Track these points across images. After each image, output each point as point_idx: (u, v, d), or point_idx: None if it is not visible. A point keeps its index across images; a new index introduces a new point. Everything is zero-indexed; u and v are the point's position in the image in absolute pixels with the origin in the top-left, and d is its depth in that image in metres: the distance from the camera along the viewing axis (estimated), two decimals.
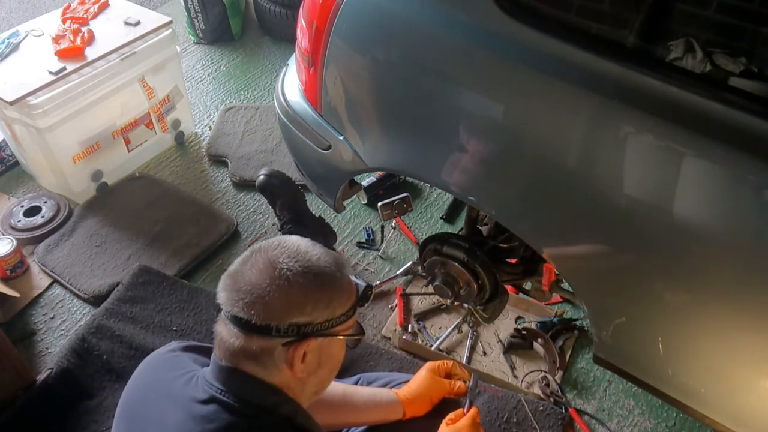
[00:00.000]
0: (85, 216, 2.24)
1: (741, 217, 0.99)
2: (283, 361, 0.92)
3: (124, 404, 1.05)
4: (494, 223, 1.56)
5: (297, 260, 0.91)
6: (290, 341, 0.90)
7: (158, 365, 1.07)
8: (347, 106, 1.40)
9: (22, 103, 1.96)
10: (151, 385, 1.03)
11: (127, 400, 1.05)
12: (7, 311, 1.94)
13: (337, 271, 0.95)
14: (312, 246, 0.95)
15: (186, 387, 0.95)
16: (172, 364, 1.04)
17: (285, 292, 0.89)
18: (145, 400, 1.01)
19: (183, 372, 0.99)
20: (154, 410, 0.97)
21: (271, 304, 0.88)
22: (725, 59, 1.33)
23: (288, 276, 0.89)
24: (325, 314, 0.92)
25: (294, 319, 0.90)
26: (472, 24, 1.14)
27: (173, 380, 0.98)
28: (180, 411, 0.92)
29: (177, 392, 0.96)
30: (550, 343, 1.82)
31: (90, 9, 2.31)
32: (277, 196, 1.93)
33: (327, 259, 0.94)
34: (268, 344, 0.90)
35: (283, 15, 3.14)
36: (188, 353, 1.08)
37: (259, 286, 0.88)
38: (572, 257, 1.24)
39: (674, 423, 1.70)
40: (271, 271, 0.89)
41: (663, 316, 1.16)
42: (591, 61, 1.04)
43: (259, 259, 0.91)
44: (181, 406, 0.93)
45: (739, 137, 0.95)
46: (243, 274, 0.90)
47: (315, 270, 0.92)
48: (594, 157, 1.08)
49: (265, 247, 0.93)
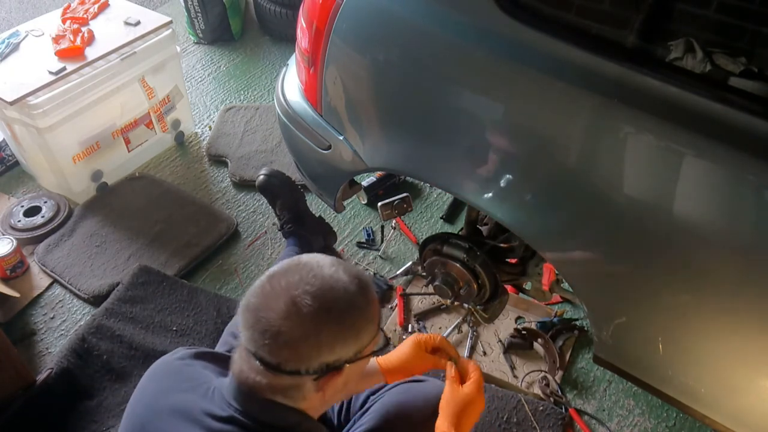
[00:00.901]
0: (85, 216, 2.24)
1: (741, 217, 1.00)
2: (313, 390, 0.91)
3: (133, 416, 1.01)
4: (494, 223, 1.56)
5: (322, 298, 0.86)
6: (320, 376, 0.89)
7: (168, 374, 1.03)
8: (347, 106, 1.40)
9: (22, 103, 1.96)
10: (163, 397, 0.99)
11: (136, 412, 1.01)
12: (7, 311, 1.94)
13: (363, 298, 0.91)
14: (334, 271, 0.89)
15: (202, 400, 0.93)
16: (185, 374, 1.01)
17: (314, 337, 0.86)
18: (157, 414, 0.96)
19: (197, 383, 0.97)
20: (166, 424, 0.94)
21: (300, 349, 0.86)
22: (725, 59, 1.33)
23: (315, 319, 0.85)
24: (354, 347, 0.91)
25: (323, 359, 0.88)
26: (472, 24, 1.14)
27: (187, 392, 0.96)
28: (196, 425, 0.90)
29: (191, 405, 0.93)
30: (550, 343, 1.82)
31: (90, 9, 2.31)
32: (277, 196, 1.93)
33: (352, 289, 0.89)
34: (297, 381, 0.89)
35: (283, 15, 3.14)
36: (199, 361, 1.05)
37: (285, 332, 0.84)
38: (570, 257, 1.24)
39: (674, 423, 1.70)
40: (294, 313, 0.85)
41: (663, 316, 1.16)
42: (591, 61, 1.04)
43: (280, 297, 0.86)
44: (198, 422, 0.91)
45: (739, 137, 0.95)
46: (265, 313, 0.86)
47: (342, 308, 0.88)
48: (594, 157, 1.08)
49: (284, 278, 0.88)
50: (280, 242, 2.19)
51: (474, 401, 1.12)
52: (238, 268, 2.12)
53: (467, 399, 1.12)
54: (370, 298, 0.93)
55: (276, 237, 2.21)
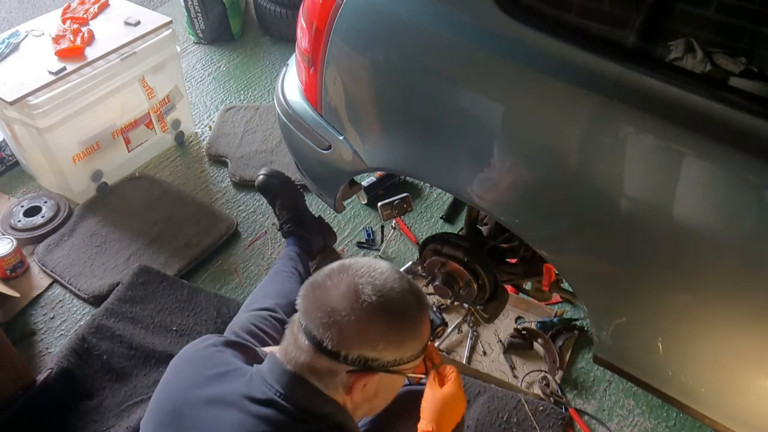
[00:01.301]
0: (85, 216, 2.24)
1: (741, 217, 1.00)
2: (343, 385, 0.93)
3: (165, 401, 1.01)
4: (494, 223, 1.56)
5: (381, 294, 0.90)
6: (355, 370, 0.92)
7: (201, 361, 1.04)
8: (347, 106, 1.40)
9: (22, 103, 1.96)
10: (197, 385, 1.00)
11: (169, 398, 1.01)
12: (7, 311, 1.94)
13: (418, 312, 0.94)
14: (400, 280, 0.94)
15: (240, 385, 0.95)
16: (218, 360, 1.03)
17: (362, 326, 0.89)
18: (193, 402, 0.97)
19: (232, 369, 0.99)
20: (203, 413, 0.95)
21: (346, 333, 0.89)
22: (725, 59, 1.33)
23: (368, 310, 0.89)
24: (395, 355, 0.93)
25: (363, 353, 0.91)
26: (472, 24, 1.14)
27: (222, 378, 0.98)
28: (234, 409, 0.92)
29: (228, 391, 0.95)
30: (550, 343, 1.82)
31: (90, 9, 2.31)
32: (277, 196, 1.93)
33: (410, 300, 0.93)
34: (334, 367, 0.91)
35: (283, 15, 3.14)
36: (230, 349, 1.07)
37: (339, 311, 0.88)
38: (570, 256, 1.24)
39: (674, 423, 1.70)
40: (353, 298, 0.89)
41: (663, 316, 1.16)
42: (591, 61, 1.04)
43: (344, 281, 0.91)
44: (236, 406, 0.93)
45: (739, 137, 0.95)
46: (327, 291, 0.90)
47: (396, 310, 0.91)
48: (593, 157, 1.08)
49: (354, 268, 0.93)
50: (280, 242, 2.19)
51: (454, 399, 1.13)
52: (238, 268, 2.12)
53: (447, 398, 1.13)
54: (423, 315, 0.96)
55: (276, 237, 2.21)
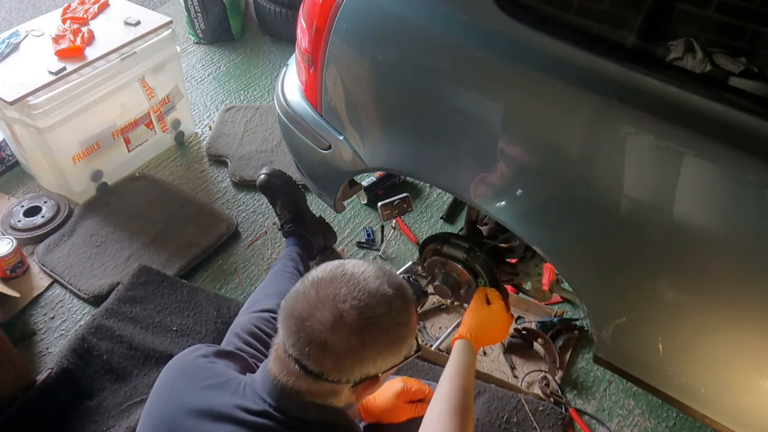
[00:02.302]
0: (85, 216, 2.24)
1: (741, 217, 0.99)
2: (347, 395, 0.93)
3: (158, 414, 1.00)
4: (494, 223, 1.56)
5: (369, 314, 0.87)
6: (358, 385, 0.91)
7: (194, 372, 1.03)
8: (347, 106, 1.40)
9: (22, 103, 1.96)
10: (190, 396, 0.98)
11: (162, 411, 1.00)
12: (7, 311, 1.94)
13: (406, 313, 0.92)
14: (380, 284, 0.90)
15: (233, 396, 0.94)
16: (210, 371, 1.02)
17: (357, 352, 0.87)
18: (186, 415, 0.96)
19: (225, 380, 0.98)
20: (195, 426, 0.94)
21: (343, 362, 0.87)
22: (725, 59, 1.33)
23: (359, 335, 0.86)
24: (394, 359, 0.93)
25: (365, 371, 0.90)
26: (471, 24, 1.14)
27: (215, 390, 0.97)
28: (229, 422, 0.91)
29: (221, 402, 0.94)
30: (550, 343, 1.82)
31: (90, 9, 2.31)
32: (278, 196, 1.93)
33: (397, 305, 0.90)
34: (336, 388, 0.91)
35: (283, 15, 3.14)
36: (221, 360, 1.06)
37: (331, 344, 0.86)
38: (570, 256, 1.24)
39: (674, 423, 1.70)
40: (342, 327, 0.85)
41: (663, 316, 1.16)
42: (591, 61, 1.04)
43: (326, 307, 0.86)
44: (230, 418, 0.92)
45: (739, 137, 0.95)
46: (311, 323, 0.86)
47: (386, 325, 0.89)
48: (593, 156, 1.08)
49: (330, 287, 0.88)
50: (280, 242, 2.19)
51: (497, 318, 1.22)
52: (238, 268, 2.12)
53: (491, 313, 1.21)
54: (412, 312, 0.95)
55: (276, 237, 2.21)
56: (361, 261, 0.93)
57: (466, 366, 1.17)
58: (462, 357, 1.20)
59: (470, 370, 1.19)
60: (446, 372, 1.18)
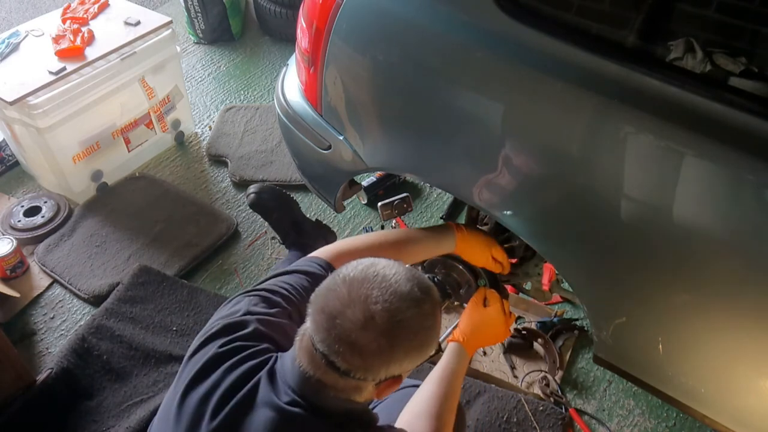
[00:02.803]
0: (85, 216, 2.24)
1: (741, 217, 0.99)
2: (371, 393, 0.94)
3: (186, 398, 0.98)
4: (494, 223, 1.56)
5: (400, 316, 0.88)
6: (382, 382, 0.93)
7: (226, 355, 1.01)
8: (347, 106, 1.40)
9: (22, 103, 1.96)
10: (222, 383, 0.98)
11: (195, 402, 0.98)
12: (7, 311, 1.94)
13: (434, 317, 0.93)
14: (411, 288, 0.90)
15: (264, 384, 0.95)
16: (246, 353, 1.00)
17: (387, 354, 0.89)
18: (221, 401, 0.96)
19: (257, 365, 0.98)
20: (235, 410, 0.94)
21: (372, 362, 0.89)
22: (725, 59, 1.33)
23: (389, 337, 0.87)
24: (419, 360, 0.94)
25: (391, 372, 0.91)
26: (471, 24, 1.14)
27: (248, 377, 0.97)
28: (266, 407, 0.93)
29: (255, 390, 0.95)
30: (550, 343, 1.82)
31: (90, 9, 2.31)
32: (271, 211, 1.91)
33: (426, 308, 0.91)
34: (361, 385, 0.92)
35: (283, 15, 3.14)
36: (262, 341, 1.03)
37: (361, 343, 0.87)
38: (570, 256, 1.24)
39: (674, 423, 1.70)
40: (373, 327, 0.86)
41: (663, 316, 1.16)
42: (591, 61, 1.04)
43: (358, 307, 0.87)
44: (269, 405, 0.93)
45: (739, 137, 0.95)
46: (342, 320, 0.87)
47: (416, 327, 0.90)
48: (593, 156, 1.08)
49: (362, 287, 0.88)
50: (279, 243, 2.19)
51: (493, 320, 1.25)
52: (238, 268, 2.12)
53: (487, 315, 1.25)
54: (438, 315, 0.96)
55: (276, 237, 2.20)
56: (391, 261, 0.94)
57: (454, 370, 1.20)
58: (451, 361, 1.22)
59: (457, 374, 1.21)
60: (432, 374, 1.20)
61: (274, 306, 1.07)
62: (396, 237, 1.32)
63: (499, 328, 1.33)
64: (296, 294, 1.10)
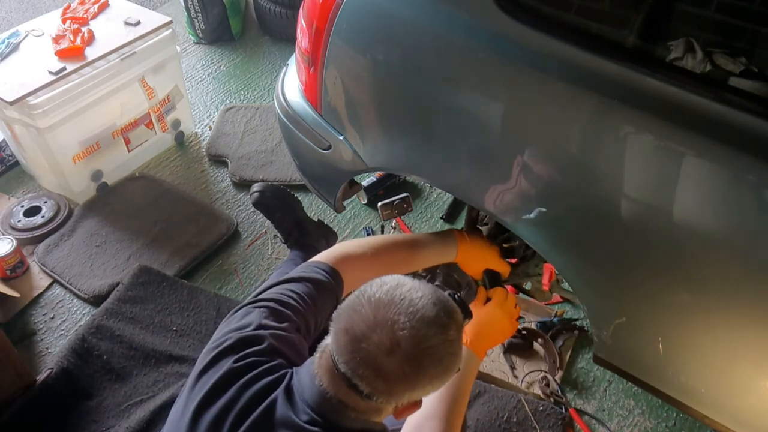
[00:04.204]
0: (85, 216, 2.24)
1: (741, 217, 0.99)
2: (389, 413, 0.94)
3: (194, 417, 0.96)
4: (494, 223, 1.56)
5: (426, 344, 0.87)
6: (402, 405, 0.93)
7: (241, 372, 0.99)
8: (347, 106, 1.40)
9: (22, 103, 1.96)
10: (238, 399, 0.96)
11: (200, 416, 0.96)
12: (7, 311, 1.94)
13: (458, 342, 0.92)
14: (437, 313, 0.89)
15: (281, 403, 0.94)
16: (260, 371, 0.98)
17: (412, 380, 0.88)
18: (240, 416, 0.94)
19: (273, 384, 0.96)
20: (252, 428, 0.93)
21: (395, 387, 0.88)
22: (725, 59, 1.33)
23: (416, 363, 0.86)
24: (441, 385, 0.94)
25: (413, 397, 0.91)
26: (472, 24, 1.14)
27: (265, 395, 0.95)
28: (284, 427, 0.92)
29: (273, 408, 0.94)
30: (550, 343, 1.82)
31: (90, 9, 2.31)
32: (274, 210, 1.91)
33: (452, 335, 0.90)
34: (381, 407, 0.92)
35: (283, 15, 3.14)
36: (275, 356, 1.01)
37: (386, 369, 0.86)
38: (570, 257, 1.24)
39: (674, 423, 1.70)
40: (399, 353, 0.85)
41: (663, 316, 1.16)
42: (591, 61, 1.04)
43: (384, 331, 0.86)
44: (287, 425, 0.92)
45: (739, 137, 0.95)
46: (367, 344, 0.86)
47: (441, 354, 0.89)
48: (593, 157, 1.08)
49: (388, 311, 0.87)
50: (281, 243, 2.19)
51: (494, 318, 1.24)
52: (238, 268, 2.12)
53: (486, 315, 1.23)
54: (461, 339, 0.95)
55: (276, 237, 2.21)
56: (416, 282, 0.93)
57: (463, 373, 1.18)
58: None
59: (467, 376, 1.20)
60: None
61: (284, 320, 1.05)
62: (402, 243, 1.31)
63: (503, 323, 1.31)
64: (304, 305, 1.08)
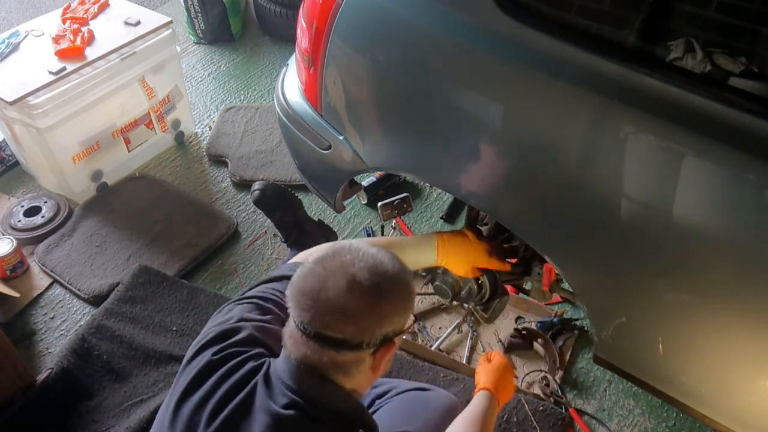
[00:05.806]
0: (85, 216, 2.24)
1: (741, 217, 0.99)
2: (368, 366, 0.94)
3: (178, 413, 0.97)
4: (494, 223, 1.56)
5: (378, 272, 0.91)
6: (378, 348, 0.93)
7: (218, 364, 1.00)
8: (347, 106, 1.40)
9: (22, 103, 1.96)
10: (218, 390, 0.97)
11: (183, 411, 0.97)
12: (7, 311, 1.94)
13: (407, 274, 0.96)
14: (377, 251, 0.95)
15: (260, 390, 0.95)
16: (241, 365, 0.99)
17: (376, 310, 0.90)
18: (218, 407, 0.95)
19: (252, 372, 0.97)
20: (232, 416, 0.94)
21: (364, 323, 0.90)
22: (725, 59, 1.33)
23: (374, 291, 0.90)
24: (405, 317, 0.96)
25: (384, 331, 0.92)
26: (471, 24, 1.14)
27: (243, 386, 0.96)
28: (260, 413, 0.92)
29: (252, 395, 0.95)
30: (550, 343, 1.82)
31: (90, 9, 2.31)
32: (275, 209, 1.91)
33: (398, 265, 0.95)
34: (359, 356, 0.92)
35: (283, 15, 3.14)
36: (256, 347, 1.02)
37: (350, 307, 0.89)
38: (570, 257, 1.24)
39: (674, 423, 1.70)
40: (357, 288, 0.89)
41: (663, 316, 1.16)
42: (591, 61, 1.04)
43: (338, 275, 0.90)
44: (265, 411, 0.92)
45: (739, 137, 0.95)
46: (326, 293, 0.89)
47: (395, 280, 0.93)
48: (593, 157, 1.08)
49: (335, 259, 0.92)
50: (281, 242, 2.19)
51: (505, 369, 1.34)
52: (238, 268, 2.12)
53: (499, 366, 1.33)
54: (410, 273, 0.98)
55: (276, 237, 2.21)
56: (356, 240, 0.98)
57: (487, 412, 1.22)
58: (483, 404, 1.24)
59: (490, 416, 1.23)
60: (465, 413, 1.22)
61: (267, 313, 1.07)
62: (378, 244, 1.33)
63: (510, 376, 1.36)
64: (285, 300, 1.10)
